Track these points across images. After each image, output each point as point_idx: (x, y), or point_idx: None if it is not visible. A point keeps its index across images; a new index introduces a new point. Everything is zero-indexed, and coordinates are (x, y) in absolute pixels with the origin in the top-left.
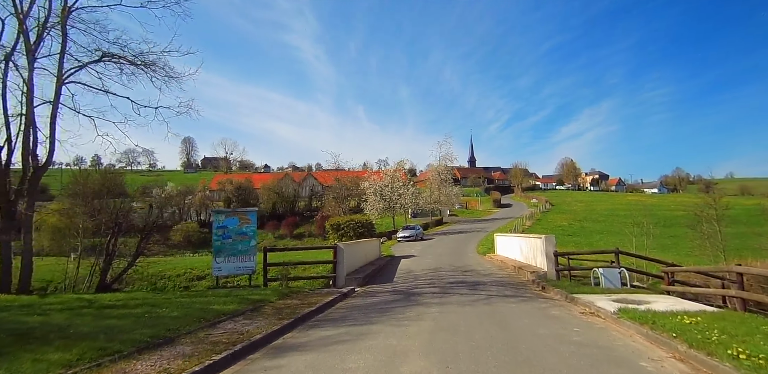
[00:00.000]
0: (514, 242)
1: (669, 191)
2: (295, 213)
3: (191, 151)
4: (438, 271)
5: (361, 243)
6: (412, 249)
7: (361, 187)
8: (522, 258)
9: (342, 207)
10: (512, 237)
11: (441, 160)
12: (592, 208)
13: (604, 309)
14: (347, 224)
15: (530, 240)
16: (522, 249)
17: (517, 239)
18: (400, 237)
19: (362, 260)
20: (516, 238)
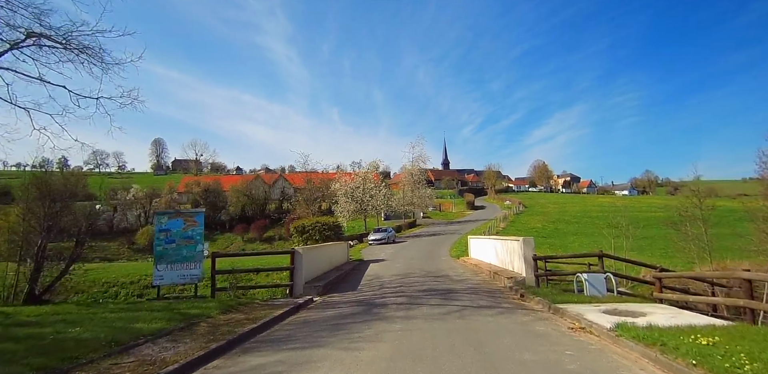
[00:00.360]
0: (489, 245)
1: (639, 193)
2: (266, 216)
3: (161, 152)
4: (407, 277)
5: (326, 246)
6: (383, 253)
7: (332, 189)
8: (498, 262)
9: (311, 208)
10: (487, 240)
11: (414, 161)
12: (565, 210)
13: (597, 324)
14: (313, 226)
15: (507, 242)
16: (498, 253)
17: (492, 242)
18: (372, 240)
19: (326, 265)
20: (491, 241)
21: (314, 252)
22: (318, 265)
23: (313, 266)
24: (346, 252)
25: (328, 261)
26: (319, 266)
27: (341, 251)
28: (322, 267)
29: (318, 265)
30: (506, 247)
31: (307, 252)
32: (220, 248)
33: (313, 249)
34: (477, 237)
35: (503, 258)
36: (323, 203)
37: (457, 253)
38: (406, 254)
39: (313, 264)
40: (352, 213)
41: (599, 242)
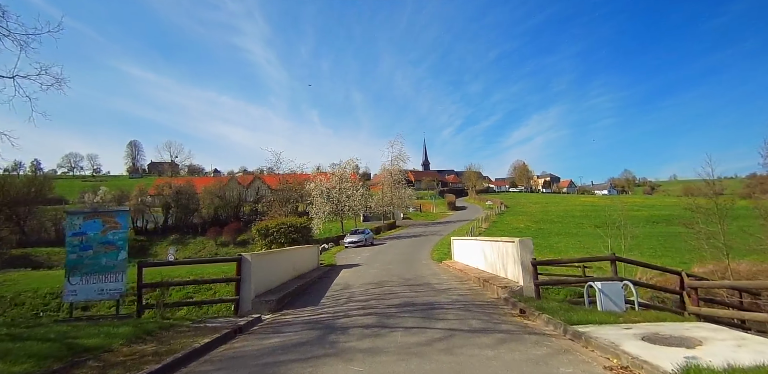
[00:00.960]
0: (475, 247)
1: (618, 192)
2: (239, 219)
3: (137, 155)
4: (382, 286)
5: (286, 252)
6: (359, 257)
7: (306, 188)
8: (487, 266)
9: (284, 210)
10: (473, 241)
11: (393, 160)
12: (547, 210)
13: (649, 364)
14: (278, 228)
15: (498, 245)
16: (487, 256)
17: (479, 243)
18: (347, 242)
19: (288, 273)
20: (478, 242)
21: (269, 259)
22: (276, 274)
23: (268, 275)
24: (316, 257)
25: (289, 268)
26: (277, 275)
27: (309, 256)
28: (281, 276)
29: (276, 274)
30: (498, 250)
31: (258, 259)
32: (191, 253)
33: (267, 255)
34: (462, 239)
35: (494, 262)
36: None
37: (440, 256)
38: (384, 258)
39: (268, 273)
40: (327, 214)
41: (585, 242)
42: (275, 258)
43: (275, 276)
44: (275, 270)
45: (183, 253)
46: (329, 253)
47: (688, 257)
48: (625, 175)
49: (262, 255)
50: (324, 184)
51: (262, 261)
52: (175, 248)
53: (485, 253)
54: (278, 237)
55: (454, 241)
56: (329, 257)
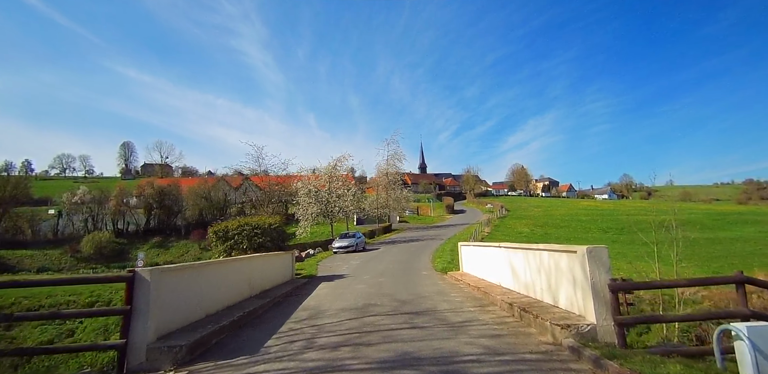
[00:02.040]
0: (497, 257)
1: (619, 197)
2: None
3: (130, 156)
4: (367, 313)
5: (234, 263)
6: (346, 265)
7: (293, 187)
8: (518, 285)
9: (266, 210)
10: (492, 249)
11: (389, 159)
12: (550, 214)
13: None
14: (239, 230)
15: (541, 255)
16: (517, 271)
17: (504, 253)
18: (336, 247)
19: (237, 292)
20: (502, 251)
21: (194, 275)
22: (210, 297)
23: (191, 300)
24: (290, 266)
25: (241, 285)
26: (213, 298)
27: (278, 266)
28: (222, 299)
29: (210, 297)
30: (540, 263)
31: (168, 276)
32: (174, 257)
33: (189, 269)
34: (474, 245)
35: (531, 280)
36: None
37: (443, 266)
38: (376, 267)
39: (191, 296)
40: (315, 216)
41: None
42: (209, 274)
43: (209, 300)
44: (209, 291)
45: (164, 257)
46: (313, 260)
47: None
48: (624, 179)
49: (176, 270)
50: (312, 182)
51: (176, 280)
52: (144, 253)
53: (514, 266)
54: (240, 241)
55: (462, 248)
56: (311, 265)
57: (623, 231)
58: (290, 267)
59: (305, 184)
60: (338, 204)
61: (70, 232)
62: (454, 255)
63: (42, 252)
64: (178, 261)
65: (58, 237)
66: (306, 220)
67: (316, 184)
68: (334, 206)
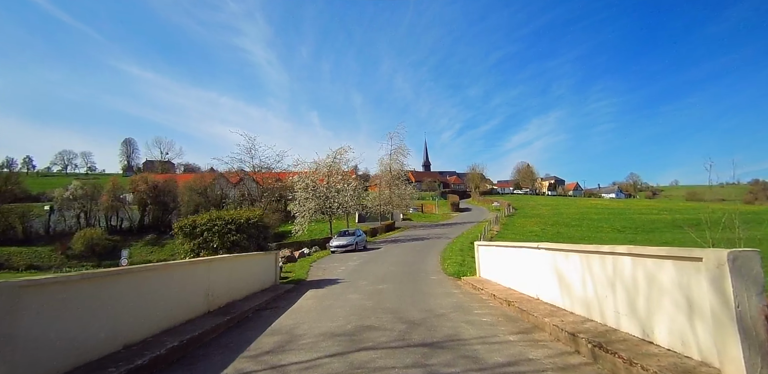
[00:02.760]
0: (535, 261)
1: (626, 196)
2: None
3: (132, 153)
4: (360, 345)
5: (172, 269)
6: (343, 267)
7: (288, 181)
8: (570, 301)
9: (260, 206)
10: (526, 251)
11: (392, 154)
12: (559, 212)
13: None
14: (209, 226)
15: (620, 261)
16: (569, 282)
17: (547, 256)
18: (334, 246)
19: (178, 311)
20: (543, 254)
21: (100, 290)
22: (132, 319)
23: (95, 328)
24: (272, 270)
25: (185, 300)
26: (139, 319)
27: (256, 270)
28: (152, 320)
29: (132, 319)
30: (616, 273)
31: (39, 293)
32: (168, 254)
33: (86, 282)
34: (497, 246)
35: (596, 296)
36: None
37: (455, 269)
38: (376, 270)
39: (95, 322)
40: (313, 212)
41: None
42: (133, 284)
43: (130, 323)
44: (130, 310)
45: (157, 255)
46: (306, 261)
47: None
48: (631, 178)
49: (57, 284)
50: (309, 176)
51: (61, 297)
52: (128, 251)
53: (563, 275)
54: (209, 240)
55: (480, 249)
56: (302, 267)
57: (638, 230)
58: (273, 271)
59: (302, 177)
60: (337, 200)
61: (62, 229)
62: (465, 256)
63: (31, 250)
64: (171, 259)
65: (50, 233)
66: (303, 217)
67: (314, 177)
68: (333, 201)
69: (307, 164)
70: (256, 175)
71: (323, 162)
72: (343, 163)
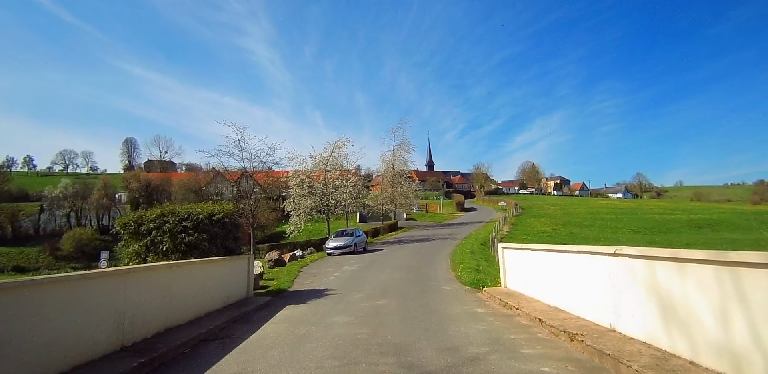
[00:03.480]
0: (621, 276)
1: (633, 196)
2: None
3: (132, 153)
4: None
5: (32, 286)
6: (337, 273)
7: (284, 178)
8: (710, 353)
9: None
10: (598, 259)
11: (395, 150)
12: (569, 212)
13: None
14: (158, 223)
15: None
16: (688, 312)
17: (638, 266)
18: (329, 248)
19: (54, 355)
20: (637, 264)
21: None
22: None
23: None
24: (243, 279)
25: (72, 335)
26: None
27: (218, 282)
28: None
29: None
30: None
31: None
32: None
33: None
34: (532, 250)
35: (754, 338)
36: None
37: (472, 276)
38: (376, 277)
39: None
40: (310, 210)
41: None
42: None
43: None
44: None
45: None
46: (296, 265)
47: None
48: (638, 178)
49: None
50: (305, 172)
51: None
52: (108, 252)
53: (670, 298)
54: (159, 240)
55: (506, 253)
56: (289, 273)
57: (654, 230)
58: (244, 280)
59: (298, 173)
60: (335, 197)
61: (53, 229)
62: (479, 259)
63: (19, 250)
64: None
65: (39, 233)
66: (298, 216)
67: (311, 173)
68: (330, 199)
69: (303, 159)
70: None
71: (320, 156)
72: (342, 157)
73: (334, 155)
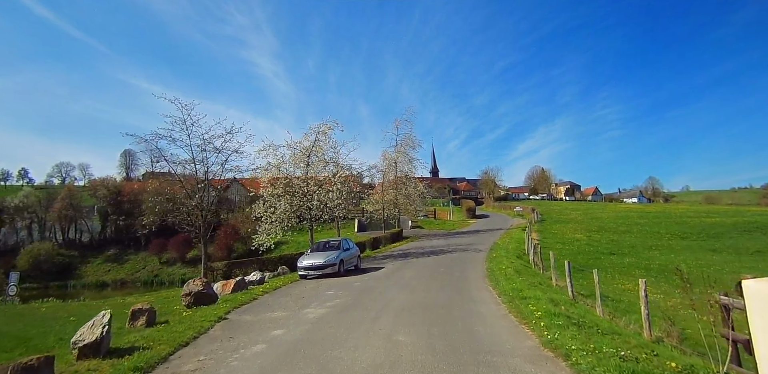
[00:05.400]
0: None
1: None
2: (196, 228)
3: (131, 164)
4: None
5: None
6: (282, 328)
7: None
8: None
9: (192, 212)
10: None
11: (399, 145)
12: (594, 217)
13: None
14: None
15: None
16: None
17: None
18: (304, 267)
19: None
20: None
21: None
22: None
23: None
24: None
25: None
26: None
27: None
28: None
29: None
30: None
31: None
32: (128, 273)
33: None
34: None
35: None
36: None
37: (583, 342)
38: (358, 347)
39: None
40: (289, 215)
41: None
42: None
43: None
44: None
45: (115, 275)
46: (232, 302)
47: None
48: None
49: None
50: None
51: None
52: (18, 275)
53: None
54: None
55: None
56: (194, 325)
57: (703, 236)
58: None
59: (269, 166)
60: (318, 197)
61: (14, 243)
62: (546, 290)
63: None
64: (132, 278)
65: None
66: (272, 223)
67: (286, 166)
68: (311, 198)
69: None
70: (203, 165)
71: (299, 145)
72: (329, 147)
73: (318, 144)
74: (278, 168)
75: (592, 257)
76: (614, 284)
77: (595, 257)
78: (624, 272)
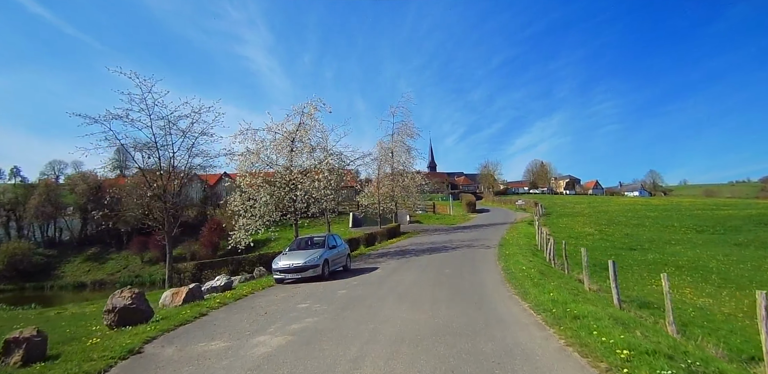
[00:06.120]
0: None
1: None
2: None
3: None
4: None
5: None
6: (224, 364)
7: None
8: None
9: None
10: None
11: (395, 133)
12: (601, 210)
13: None
14: None
15: None
16: None
17: None
18: (280, 270)
19: None
20: None
21: None
22: None
23: None
24: None
25: None
26: None
27: None
28: None
29: None
30: None
31: None
32: (107, 273)
33: None
34: None
35: None
36: None
37: None
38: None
39: None
40: (270, 209)
41: None
42: None
43: None
44: None
45: (95, 275)
46: (170, 321)
47: None
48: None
49: None
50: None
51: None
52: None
53: None
54: None
55: None
56: (114, 347)
57: (719, 229)
58: None
59: (246, 154)
60: (304, 187)
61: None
62: (600, 304)
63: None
64: (111, 279)
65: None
66: (251, 218)
67: (267, 152)
68: (294, 189)
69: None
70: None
71: (282, 128)
72: (315, 130)
73: (303, 127)
74: (258, 154)
75: (610, 253)
76: (647, 285)
77: (613, 253)
78: (652, 270)
